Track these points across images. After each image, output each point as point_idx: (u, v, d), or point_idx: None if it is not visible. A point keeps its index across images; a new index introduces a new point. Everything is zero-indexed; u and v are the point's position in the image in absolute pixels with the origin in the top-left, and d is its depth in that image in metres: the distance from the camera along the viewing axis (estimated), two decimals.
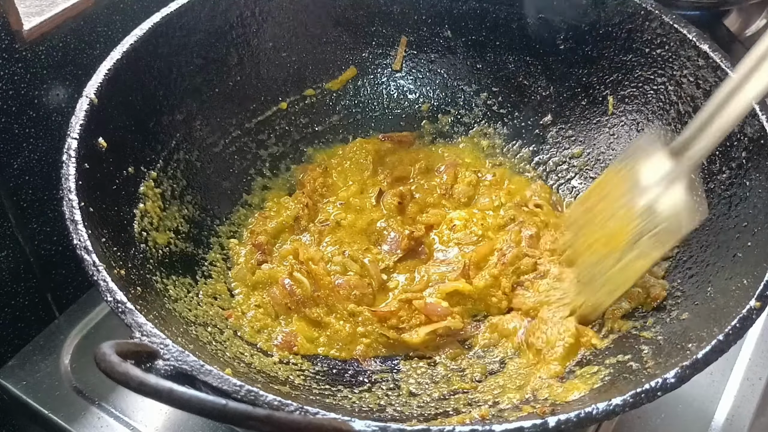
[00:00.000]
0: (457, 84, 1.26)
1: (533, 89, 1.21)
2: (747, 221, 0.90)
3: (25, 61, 0.97)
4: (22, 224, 1.05)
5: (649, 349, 0.86)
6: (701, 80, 1.01)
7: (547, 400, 0.85)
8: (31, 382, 1.05)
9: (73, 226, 0.76)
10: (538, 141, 1.22)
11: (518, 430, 0.63)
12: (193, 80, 1.08)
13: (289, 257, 1.05)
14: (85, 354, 1.09)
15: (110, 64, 0.93)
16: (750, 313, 0.75)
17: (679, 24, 1.04)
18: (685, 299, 0.92)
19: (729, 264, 0.88)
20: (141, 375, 0.56)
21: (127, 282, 0.81)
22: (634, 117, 1.11)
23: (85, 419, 1.01)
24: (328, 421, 0.60)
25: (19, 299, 1.09)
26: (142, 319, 0.70)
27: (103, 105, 0.89)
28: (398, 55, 1.26)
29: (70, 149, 0.82)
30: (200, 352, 0.81)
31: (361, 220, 1.13)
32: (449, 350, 0.98)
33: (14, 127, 0.99)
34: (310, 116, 1.23)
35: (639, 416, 1.03)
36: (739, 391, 1.07)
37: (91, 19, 1.04)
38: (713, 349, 0.72)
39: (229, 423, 0.55)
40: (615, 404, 0.67)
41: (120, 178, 0.92)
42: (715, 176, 0.97)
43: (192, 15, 1.04)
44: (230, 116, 1.14)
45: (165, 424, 1.01)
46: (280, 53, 1.18)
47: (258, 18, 1.13)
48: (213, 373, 0.66)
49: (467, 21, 1.22)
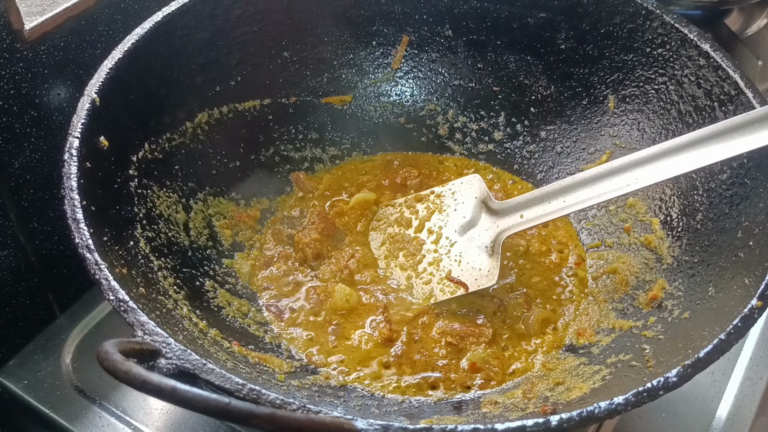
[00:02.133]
0: (457, 83, 1.26)
1: (534, 89, 1.21)
2: (748, 221, 0.90)
3: (27, 60, 0.97)
4: (24, 223, 1.05)
5: (651, 348, 0.86)
6: (702, 80, 1.01)
7: (548, 399, 0.85)
8: (33, 381, 1.05)
9: (74, 225, 0.77)
10: (538, 140, 1.22)
11: (521, 428, 0.63)
12: (194, 79, 1.08)
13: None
14: (86, 353, 1.09)
15: (111, 63, 0.93)
16: (751, 313, 0.75)
17: (680, 23, 1.04)
18: (686, 298, 0.92)
19: (730, 263, 0.88)
20: (144, 373, 0.56)
21: (129, 281, 0.81)
22: (635, 116, 1.12)
23: (86, 418, 1.01)
24: (330, 419, 0.60)
25: (20, 298, 1.09)
26: (144, 317, 0.70)
27: (104, 104, 0.89)
28: (398, 54, 1.26)
29: (72, 148, 0.82)
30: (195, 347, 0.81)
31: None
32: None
33: (15, 127, 0.99)
34: (310, 118, 1.23)
35: (640, 415, 1.03)
36: (740, 390, 1.07)
37: (92, 19, 1.04)
38: (715, 349, 0.72)
39: (232, 421, 0.55)
40: (617, 403, 0.67)
41: (121, 177, 0.92)
42: (717, 176, 0.97)
43: (193, 14, 1.04)
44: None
45: (166, 423, 1.01)
46: (281, 53, 1.19)
47: (258, 18, 1.13)
48: (215, 372, 0.66)
49: (468, 20, 1.22)
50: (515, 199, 1.06)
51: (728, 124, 0.88)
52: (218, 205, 1.10)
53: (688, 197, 1.01)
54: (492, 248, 1.05)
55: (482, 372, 0.96)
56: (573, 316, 1.03)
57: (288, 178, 1.20)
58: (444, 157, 1.27)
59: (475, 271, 1.05)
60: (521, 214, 1.04)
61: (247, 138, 1.16)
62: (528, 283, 1.08)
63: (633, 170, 0.94)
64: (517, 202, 1.05)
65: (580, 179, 0.99)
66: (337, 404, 0.88)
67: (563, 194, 1.00)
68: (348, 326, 1.02)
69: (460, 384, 0.95)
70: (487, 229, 1.07)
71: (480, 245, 1.06)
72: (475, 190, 1.10)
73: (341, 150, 1.25)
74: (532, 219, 1.03)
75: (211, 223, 1.08)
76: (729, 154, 0.87)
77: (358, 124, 1.26)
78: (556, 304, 1.06)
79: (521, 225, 1.04)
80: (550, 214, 1.01)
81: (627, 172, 0.95)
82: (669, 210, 1.04)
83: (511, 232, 1.05)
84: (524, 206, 1.04)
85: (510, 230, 1.05)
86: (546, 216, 1.02)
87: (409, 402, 0.92)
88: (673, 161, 0.92)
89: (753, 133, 0.86)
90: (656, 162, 0.93)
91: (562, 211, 1.00)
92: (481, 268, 1.04)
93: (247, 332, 0.98)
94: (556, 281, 1.08)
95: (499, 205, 1.07)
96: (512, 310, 1.04)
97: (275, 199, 1.18)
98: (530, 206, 1.03)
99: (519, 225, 1.04)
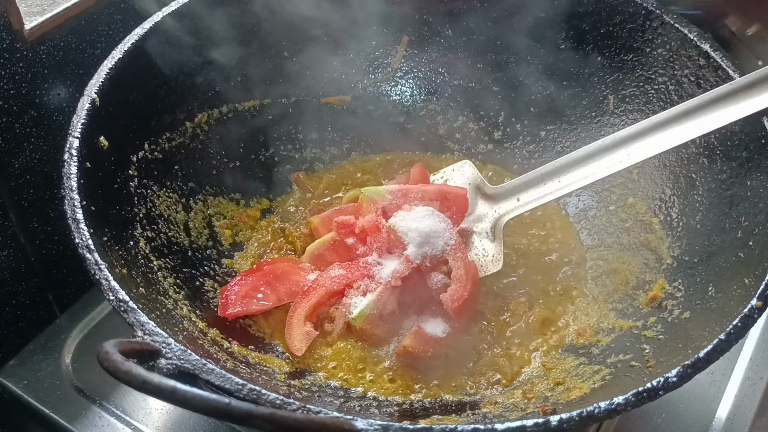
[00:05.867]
0: (457, 83, 1.26)
1: (534, 89, 1.21)
2: (748, 221, 0.90)
3: (27, 60, 0.97)
4: (24, 223, 1.05)
5: (651, 348, 0.86)
6: (702, 80, 1.01)
7: (548, 399, 0.85)
8: (33, 381, 1.05)
9: (74, 225, 0.77)
10: (538, 140, 1.22)
11: (520, 428, 0.63)
12: (194, 79, 1.08)
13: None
14: (86, 353, 1.09)
15: (111, 63, 0.93)
16: (751, 313, 0.75)
17: (680, 23, 1.04)
18: (686, 298, 0.92)
19: (730, 263, 0.88)
20: (144, 374, 0.56)
21: (129, 281, 0.81)
22: (634, 116, 1.11)
23: (86, 418, 1.01)
24: (330, 419, 0.60)
25: (21, 298, 1.09)
26: (144, 317, 0.70)
27: (104, 104, 0.89)
28: (398, 54, 1.26)
29: (72, 148, 0.82)
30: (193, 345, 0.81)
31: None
32: None
33: (15, 127, 0.99)
34: (310, 118, 1.23)
35: (640, 415, 1.03)
36: (740, 390, 1.07)
37: (92, 19, 1.04)
38: (715, 349, 0.72)
39: (233, 421, 0.55)
40: (617, 403, 0.67)
41: (121, 177, 0.92)
42: (716, 175, 0.97)
43: (193, 15, 1.04)
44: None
45: (166, 423, 1.01)
46: (281, 53, 1.18)
47: (259, 18, 1.13)
48: (215, 372, 0.66)
49: (468, 20, 1.22)
50: (510, 182, 1.06)
51: (716, 94, 0.90)
52: (218, 205, 1.10)
53: (688, 197, 1.01)
54: (493, 233, 1.05)
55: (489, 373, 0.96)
56: (573, 316, 1.03)
57: (288, 178, 1.20)
58: (444, 157, 1.26)
59: (480, 257, 1.05)
60: (518, 197, 1.05)
61: (247, 138, 1.16)
62: (529, 282, 1.08)
63: (625, 146, 0.95)
64: (513, 186, 1.05)
65: (574, 158, 0.99)
66: (337, 404, 0.88)
67: (558, 175, 1.01)
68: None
69: (462, 384, 0.95)
70: (485, 214, 1.07)
71: (480, 231, 1.06)
72: (467, 176, 1.10)
73: (341, 150, 1.25)
74: (530, 201, 1.03)
75: (211, 223, 1.08)
76: (718, 124, 0.89)
77: (358, 124, 1.26)
78: (556, 304, 1.05)
79: (519, 208, 1.04)
80: (547, 195, 1.02)
81: (619, 148, 0.96)
82: (669, 210, 1.04)
83: (510, 216, 1.05)
84: (520, 189, 1.05)
85: (508, 214, 1.05)
86: (543, 198, 1.02)
87: (410, 402, 0.92)
88: (665, 134, 0.93)
89: (738, 102, 0.88)
90: (648, 136, 0.94)
91: (558, 191, 1.00)
92: (486, 255, 1.04)
93: (247, 332, 0.98)
94: (557, 281, 1.08)
95: (494, 189, 1.07)
96: (515, 308, 1.04)
97: (275, 199, 1.18)
98: (526, 189, 1.04)
99: (517, 208, 1.04)
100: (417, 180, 1.11)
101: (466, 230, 1.07)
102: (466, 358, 0.98)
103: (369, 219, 1.03)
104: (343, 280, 1.00)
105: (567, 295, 1.06)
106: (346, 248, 1.05)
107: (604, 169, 0.97)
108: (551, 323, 1.03)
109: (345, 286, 1.00)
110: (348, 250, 1.05)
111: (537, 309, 1.04)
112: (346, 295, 1.00)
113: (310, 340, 0.97)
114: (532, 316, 1.03)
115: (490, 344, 1.00)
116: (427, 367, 0.97)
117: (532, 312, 1.03)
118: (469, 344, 0.99)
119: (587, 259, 1.11)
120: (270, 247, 1.11)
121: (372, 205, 1.05)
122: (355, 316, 0.97)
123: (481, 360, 0.98)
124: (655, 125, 0.94)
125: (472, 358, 0.98)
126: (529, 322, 1.02)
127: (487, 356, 0.98)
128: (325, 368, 0.96)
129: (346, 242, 1.05)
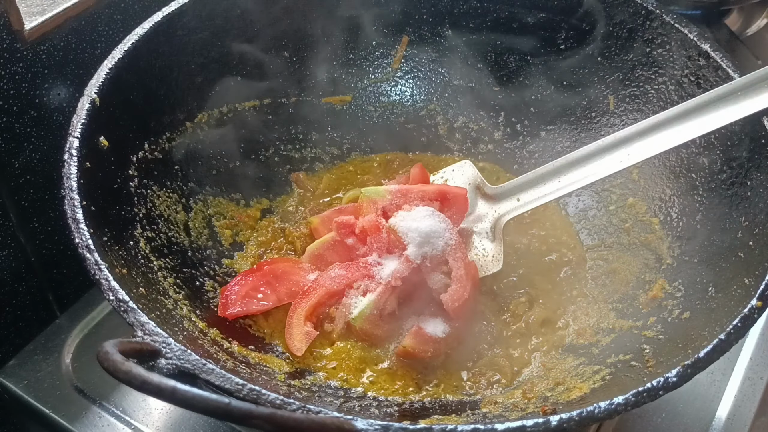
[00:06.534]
0: (457, 83, 1.26)
1: (534, 89, 1.21)
2: (748, 221, 0.90)
3: (27, 60, 0.97)
4: (24, 223, 1.05)
5: (651, 348, 0.86)
6: (702, 80, 1.01)
7: (548, 399, 0.85)
8: (33, 381, 1.05)
9: (74, 225, 0.77)
10: (538, 140, 1.22)
11: (520, 428, 0.63)
12: (194, 79, 1.08)
13: None
14: (86, 353, 1.09)
15: (111, 63, 0.93)
16: (751, 313, 0.75)
17: (680, 23, 1.04)
18: (686, 298, 0.92)
19: (730, 263, 0.88)
20: (144, 374, 0.56)
21: (129, 281, 0.81)
22: (634, 116, 1.11)
23: (86, 418, 1.01)
24: (330, 419, 0.60)
25: (20, 298, 1.09)
26: (144, 317, 0.70)
27: (104, 104, 0.89)
28: (398, 53, 1.26)
29: (72, 148, 0.82)
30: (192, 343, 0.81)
31: None
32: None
33: (15, 127, 0.99)
34: (310, 118, 1.23)
35: (640, 415, 1.03)
36: (740, 390, 1.07)
37: (92, 19, 1.04)
38: (715, 349, 0.72)
39: (233, 422, 0.55)
40: (617, 403, 0.67)
41: (121, 177, 0.92)
42: (717, 175, 0.97)
43: (193, 14, 1.04)
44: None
45: (166, 423, 1.01)
46: (281, 53, 1.18)
47: (258, 18, 1.13)
48: (215, 372, 0.66)
49: (468, 20, 1.22)
50: (510, 182, 1.06)
51: (716, 94, 0.90)
52: (218, 205, 1.10)
53: (688, 197, 1.01)
54: (493, 233, 1.05)
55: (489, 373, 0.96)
56: (573, 316, 1.03)
57: (288, 178, 1.20)
58: (444, 157, 1.26)
59: (480, 257, 1.05)
60: (518, 197, 1.05)
61: (247, 138, 1.16)
62: (529, 282, 1.08)
63: (625, 146, 0.96)
64: (513, 186, 1.05)
65: (574, 158, 0.99)
66: (337, 404, 0.88)
67: (558, 175, 1.01)
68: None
69: (462, 384, 0.95)
70: (485, 214, 1.07)
71: (480, 231, 1.06)
72: (467, 176, 1.11)
73: (341, 150, 1.25)
74: (530, 201, 1.03)
75: (211, 223, 1.08)
76: (718, 124, 0.89)
77: (358, 124, 1.26)
78: (556, 303, 1.05)
79: (519, 208, 1.04)
80: (547, 195, 1.02)
81: (619, 148, 0.96)
82: (669, 210, 1.04)
83: (510, 216, 1.05)
84: (520, 189, 1.05)
85: (508, 214, 1.05)
86: (543, 198, 1.02)
87: (410, 402, 0.92)
88: (665, 134, 0.93)
89: (738, 102, 0.89)
90: (648, 136, 0.94)
91: (558, 191, 1.01)
92: (486, 255, 1.04)
93: (247, 332, 0.98)
94: (557, 281, 1.08)
95: (494, 189, 1.08)
96: (515, 308, 1.04)
97: (275, 199, 1.18)
98: (526, 189, 1.04)
99: (517, 208, 1.05)
100: (417, 180, 1.11)
101: (466, 230, 1.07)
102: (466, 358, 0.98)
103: (369, 219, 1.03)
104: (343, 280, 1.00)
105: (567, 295, 1.06)
106: (346, 248, 1.05)
107: (604, 169, 0.97)
108: (551, 323, 1.03)
109: (345, 286, 1.00)
110: (348, 250, 1.05)
111: (537, 309, 1.04)
112: (346, 295, 1.00)
113: (310, 340, 0.97)
114: (532, 316, 1.03)
115: (490, 344, 1.00)
116: (427, 367, 0.97)
117: (532, 312, 1.03)
118: (469, 344, 0.99)
119: (587, 259, 1.11)
120: (270, 247, 1.11)
121: (372, 205, 1.05)
122: (355, 316, 0.97)
123: (481, 360, 0.98)
124: (655, 125, 0.94)
125: (472, 358, 0.98)
126: (529, 322, 1.02)
127: (487, 356, 0.98)
128: (325, 368, 0.96)
129: (346, 242, 1.05)
